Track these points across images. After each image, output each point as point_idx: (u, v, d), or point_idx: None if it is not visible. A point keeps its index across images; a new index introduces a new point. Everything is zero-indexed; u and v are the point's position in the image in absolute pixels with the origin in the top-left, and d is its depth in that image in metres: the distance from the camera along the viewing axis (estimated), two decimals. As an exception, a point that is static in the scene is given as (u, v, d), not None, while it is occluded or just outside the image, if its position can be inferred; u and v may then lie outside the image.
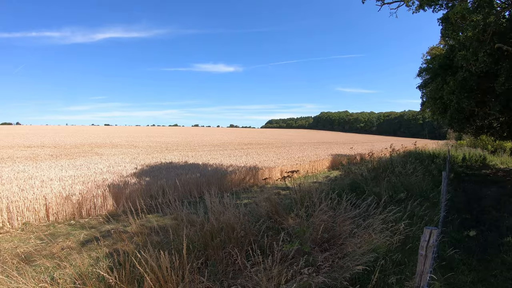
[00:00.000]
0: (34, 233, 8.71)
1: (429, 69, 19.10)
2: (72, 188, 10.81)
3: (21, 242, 7.95)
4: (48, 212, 9.78)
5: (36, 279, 4.61)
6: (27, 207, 9.45)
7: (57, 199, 9.92)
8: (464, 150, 31.72)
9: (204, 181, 14.25)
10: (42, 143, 37.78)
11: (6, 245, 7.66)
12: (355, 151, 30.30)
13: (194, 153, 27.87)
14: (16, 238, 8.31)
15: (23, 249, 7.20)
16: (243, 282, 4.56)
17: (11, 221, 9.13)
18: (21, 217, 9.31)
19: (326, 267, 4.72)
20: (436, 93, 17.14)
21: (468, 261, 6.33)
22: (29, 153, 25.38)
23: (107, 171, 15.14)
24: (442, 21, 13.59)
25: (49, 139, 46.56)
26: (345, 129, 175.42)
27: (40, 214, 9.63)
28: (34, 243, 7.80)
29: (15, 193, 10.06)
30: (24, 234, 8.60)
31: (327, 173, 21.75)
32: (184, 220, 6.48)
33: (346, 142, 54.59)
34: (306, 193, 8.48)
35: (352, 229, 6.25)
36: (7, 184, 11.39)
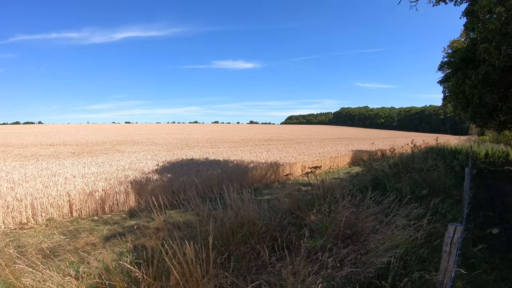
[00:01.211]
0: (58, 228, 8.87)
1: (451, 63, 18.69)
2: (95, 185, 10.97)
3: (45, 237, 8.10)
4: (71, 208, 9.95)
5: (61, 273, 4.67)
6: (51, 204, 9.62)
7: (80, 196, 10.09)
8: (486, 146, 31.09)
9: (226, 177, 14.25)
10: (64, 141, 38.48)
11: (30, 240, 7.81)
12: (375, 147, 29.97)
13: (215, 149, 27.98)
14: (40, 233, 8.47)
15: (47, 244, 7.32)
16: (267, 277, 4.54)
17: (35, 217, 9.32)
18: (45, 213, 9.50)
19: (350, 262, 4.67)
20: (458, 88, 16.77)
21: (490, 259, 6.20)
22: (52, 151, 25.88)
23: (129, 168, 15.32)
24: (466, 15, 13.33)
25: (71, 137, 47.39)
26: (365, 125, 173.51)
27: (63, 210, 9.81)
28: (58, 239, 7.93)
29: (39, 190, 10.27)
30: (48, 230, 8.76)
31: (348, 169, 21.58)
32: (205, 216, 6.48)
33: (367, 138, 54.08)
34: (328, 189, 8.41)
35: (375, 226, 6.20)
36: (31, 181, 11.62)
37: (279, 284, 4.45)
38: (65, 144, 34.16)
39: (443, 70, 20.53)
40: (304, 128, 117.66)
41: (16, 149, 28.24)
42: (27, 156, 21.85)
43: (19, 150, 26.74)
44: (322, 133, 76.32)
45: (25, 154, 23.27)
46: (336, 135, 68.61)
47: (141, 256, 4.61)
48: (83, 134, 56.82)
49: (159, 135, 55.96)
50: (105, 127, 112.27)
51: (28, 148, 29.37)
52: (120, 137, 49.63)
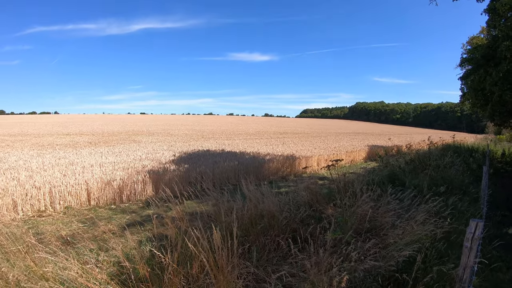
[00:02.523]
0: (76, 216, 9.01)
1: (472, 60, 18.40)
2: (113, 174, 11.11)
3: (63, 225, 8.22)
4: (89, 197, 10.09)
5: (81, 260, 4.72)
6: (69, 192, 9.77)
7: (98, 184, 10.23)
8: (503, 145, 30.66)
9: (242, 169, 14.32)
10: (80, 131, 38.95)
11: (49, 228, 7.93)
12: (391, 142, 29.70)
13: (230, 141, 28.04)
14: (58, 221, 8.60)
15: (65, 231, 7.42)
16: (288, 268, 4.54)
17: (53, 205, 9.48)
18: (63, 201, 9.65)
19: (370, 255, 4.67)
20: (478, 85, 16.48)
21: (506, 259, 6.13)
22: (68, 141, 26.23)
23: (145, 158, 15.47)
24: (488, 12, 13.10)
25: (87, 127, 47.94)
26: (380, 120, 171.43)
27: (81, 199, 9.96)
28: (77, 226, 8.05)
29: (57, 178, 10.43)
30: (66, 218, 8.90)
31: (364, 164, 21.51)
32: (225, 207, 6.51)
33: (382, 133, 53.64)
34: (348, 183, 8.39)
35: (394, 221, 6.18)
36: (49, 170, 11.81)
37: (301, 275, 4.45)
38: (81, 134, 34.58)
39: (463, 66, 20.27)
40: (319, 122, 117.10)
41: (33, 138, 28.69)
42: (44, 145, 22.18)
43: (36, 140, 27.17)
44: (338, 127, 75.94)
45: (42, 143, 23.62)
46: (351, 129, 68.20)
47: (162, 244, 4.64)
48: (99, 124, 57.43)
49: (175, 126, 56.27)
50: (121, 117, 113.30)
51: (44, 137, 29.80)
52: (136, 127, 50.05)
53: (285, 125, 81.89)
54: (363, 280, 4.35)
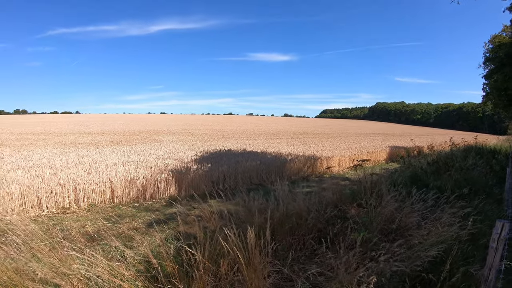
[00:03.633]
0: (100, 214, 9.13)
1: (494, 59, 18.03)
2: (136, 172, 11.24)
3: (88, 221, 8.34)
4: (113, 195, 10.22)
5: (107, 257, 4.75)
6: (92, 190, 9.90)
7: (122, 183, 10.35)
8: (526, 147, 29.94)
9: (264, 169, 14.33)
10: (102, 130, 39.49)
11: (74, 224, 8.05)
12: (413, 143, 29.30)
13: (251, 141, 28.05)
14: (83, 218, 8.73)
15: (90, 228, 7.50)
16: (315, 267, 4.52)
17: (78, 202, 9.62)
18: (87, 199, 9.79)
19: (397, 256, 4.63)
20: (502, 84, 16.16)
21: None
22: (91, 140, 26.61)
23: (168, 157, 15.57)
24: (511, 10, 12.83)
25: (108, 127, 48.56)
26: (401, 121, 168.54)
27: (105, 196, 10.10)
28: (101, 223, 8.13)
29: (81, 176, 10.61)
30: (90, 215, 9.02)
31: (385, 165, 21.33)
32: (253, 207, 6.50)
33: (403, 134, 52.95)
34: (372, 183, 8.33)
35: (419, 221, 6.16)
36: (73, 168, 12.00)
37: (327, 275, 4.44)
38: (103, 133, 35.05)
39: (486, 66, 19.90)
40: (339, 123, 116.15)
41: (56, 137, 29.18)
42: (67, 144, 22.54)
43: (58, 138, 27.63)
44: (358, 128, 75.28)
45: (64, 142, 24.02)
46: (371, 130, 67.55)
47: (189, 242, 4.64)
48: (120, 124, 58.12)
49: (195, 126, 56.59)
50: (141, 117, 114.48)
51: (67, 136, 30.30)
52: (157, 127, 50.49)
53: (305, 125, 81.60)
54: (390, 279, 4.33)
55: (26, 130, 39.11)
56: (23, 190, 9.07)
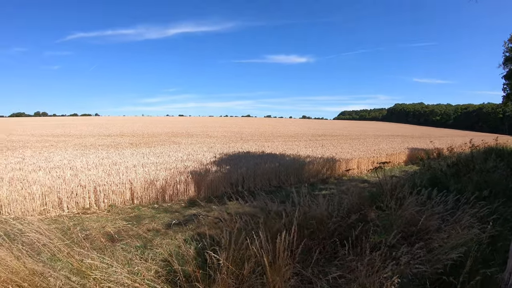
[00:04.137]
0: (120, 214, 9.21)
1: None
2: (156, 174, 11.30)
3: (108, 222, 8.41)
4: (133, 196, 10.31)
5: (127, 257, 4.77)
6: (113, 191, 10.00)
7: (141, 184, 10.43)
8: (548, 149, 29.18)
9: (283, 171, 14.27)
10: (121, 132, 39.96)
11: (94, 225, 8.12)
12: (432, 145, 28.89)
13: (270, 143, 28.01)
14: (103, 218, 8.81)
15: (110, 229, 7.53)
16: (335, 270, 4.50)
17: (98, 203, 9.72)
18: (107, 200, 9.88)
19: (418, 259, 4.59)
20: None
21: None
22: (110, 142, 26.94)
23: (187, 159, 15.61)
24: None
25: (127, 129, 49.13)
26: (420, 122, 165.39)
27: (125, 197, 10.18)
28: (121, 224, 8.20)
29: (101, 177, 10.73)
30: (110, 215, 9.11)
31: (404, 167, 21.03)
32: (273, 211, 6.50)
33: (422, 136, 52.12)
34: (393, 186, 8.25)
35: (439, 224, 6.07)
36: (93, 169, 12.15)
37: (347, 277, 4.42)
38: (122, 135, 35.43)
39: (506, 65, 19.51)
40: (357, 124, 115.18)
41: (76, 139, 29.63)
42: (87, 146, 22.85)
43: (78, 140, 28.05)
44: (376, 130, 74.57)
45: (84, 144, 24.34)
46: (390, 132, 66.85)
47: (210, 243, 4.63)
48: (139, 126, 58.69)
49: (213, 128, 56.83)
50: (160, 119, 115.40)
51: (86, 138, 30.72)
52: (175, 129, 50.86)
53: (323, 127, 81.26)
54: (410, 282, 4.30)
55: (46, 132, 39.80)
56: (44, 190, 9.22)
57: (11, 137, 30.59)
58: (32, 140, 27.71)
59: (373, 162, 18.30)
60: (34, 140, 27.75)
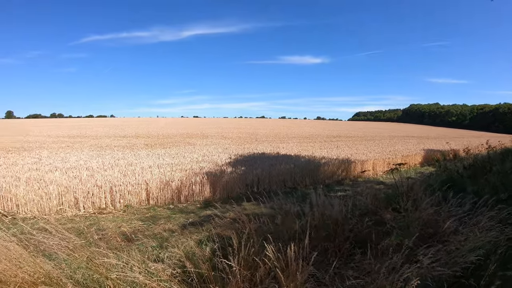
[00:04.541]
0: (135, 214, 9.28)
1: None
2: (171, 175, 11.37)
3: (123, 222, 8.48)
4: (148, 196, 10.38)
5: (143, 257, 4.77)
6: (128, 191, 10.08)
7: (157, 185, 10.50)
8: None
9: (298, 172, 14.21)
10: (136, 134, 40.24)
11: (110, 224, 8.19)
12: (448, 146, 28.55)
13: (285, 144, 27.94)
14: (118, 218, 8.89)
15: (126, 228, 7.57)
16: (351, 273, 4.47)
17: (114, 203, 9.82)
18: (123, 200, 9.97)
19: (436, 261, 4.54)
20: None
21: None
22: (125, 143, 27.15)
23: (202, 160, 15.67)
24: None
25: (142, 130, 49.49)
26: (435, 123, 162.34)
27: (141, 198, 10.26)
28: (137, 224, 8.26)
29: (117, 178, 10.85)
30: (126, 215, 9.17)
31: (420, 168, 20.79)
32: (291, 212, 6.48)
33: (437, 137, 51.44)
34: (409, 187, 8.17)
35: (456, 227, 5.97)
36: (109, 170, 12.27)
37: (363, 279, 4.37)
38: (137, 136, 35.69)
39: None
40: (372, 125, 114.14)
41: (91, 140, 29.94)
42: (103, 147, 23.05)
43: (94, 141, 28.34)
44: (391, 131, 73.83)
45: (100, 145, 24.57)
46: (405, 133, 66.10)
47: (224, 245, 4.62)
48: (153, 127, 59.07)
49: (228, 129, 56.89)
50: (175, 120, 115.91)
51: (102, 139, 31.02)
52: (190, 130, 51.05)
53: (338, 128, 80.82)
54: (428, 285, 4.25)
55: (62, 133, 40.29)
56: (61, 190, 9.35)
57: (27, 138, 31.05)
58: (48, 141, 28.08)
59: (389, 163, 18.19)
60: (50, 141, 28.12)
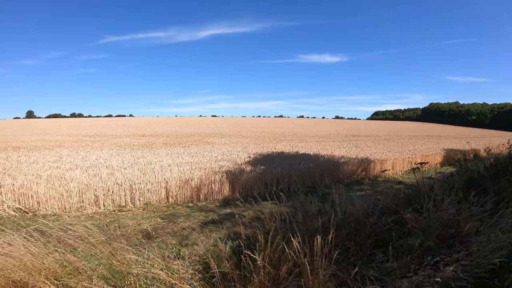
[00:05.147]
0: (155, 212, 9.34)
1: None
2: (191, 173, 11.42)
3: (143, 219, 8.53)
4: (168, 194, 10.44)
5: (163, 254, 4.79)
6: (148, 189, 10.15)
7: (176, 183, 10.56)
8: None
9: (317, 171, 14.13)
10: (155, 133, 40.63)
11: (130, 222, 8.25)
12: (469, 146, 28.05)
13: (304, 143, 27.87)
14: (138, 216, 8.95)
15: (146, 226, 7.61)
16: (372, 272, 4.45)
17: (133, 201, 9.91)
18: (142, 198, 10.04)
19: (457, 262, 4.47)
20: None
21: None
22: (144, 142, 27.41)
23: (221, 159, 15.72)
24: None
25: (161, 129, 49.95)
26: (455, 122, 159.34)
27: (160, 196, 10.32)
28: (156, 221, 8.31)
29: (137, 176, 10.95)
30: (146, 213, 9.24)
31: (440, 168, 20.44)
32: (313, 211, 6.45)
33: (457, 136, 50.57)
34: (430, 187, 8.07)
35: (478, 227, 5.87)
36: (129, 168, 12.38)
37: (384, 279, 4.35)
38: (156, 135, 36.00)
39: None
40: (391, 125, 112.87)
41: (111, 139, 30.31)
42: (122, 146, 23.30)
43: (113, 140, 28.70)
44: (410, 130, 72.97)
45: (119, 144, 24.86)
46: (425, 132, 65.22)
47: (246, 243, 4.60)
48: (172, 126, 59.52)
49: (246, 128, 57.01)
50: (193, 120, 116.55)
51: (121, 138, 31.38)
52: (208, 129, 51.32)
53: (356, 127, 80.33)
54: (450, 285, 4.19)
55: (82, 132, 40.90)
56: (81, 188, 9.46)
57: (48, 137, 31.58)
58: (68, 140, 28.52)
59: (409, 163, 17.99)
60: (71, 140, 28.55)
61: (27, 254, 3.81)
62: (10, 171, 11.38)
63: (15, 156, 16.01)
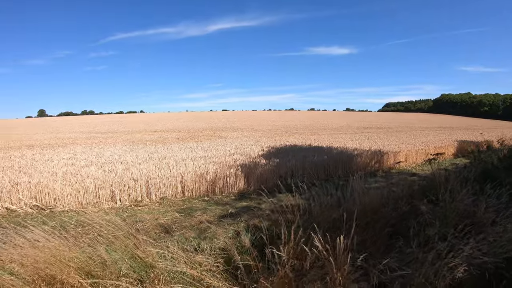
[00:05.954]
0: (171, 206, 9.42)
1: None
2: (205, 167, 11.47)
3: (160, 214, 8.59)
4: (183, 189, 10.49)
5: (183, 248, 4.83)
6: (164, 184, 10.22)
7: (192, 177, 10.61)
8: None
9: (331, 164, 14.12)
10: (167, 128, 40.83)
11: (147, 216, 8.32)
12: (482, 137, 27.75)
13: (316, 136, 27.82)
14: (155, 210, 9.02)
15: (163, 220, 7.69)
16: (391, 262, 4.49)
17: (149, 196, 9.98)
18: (158, 192, 10.12)
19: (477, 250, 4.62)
20: None
21: None
22: (157, 137, 27.55)
23: (234, 152, 15.79)
24: None
25: (173, 124, 50.14)
26: (467, 113, 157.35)
27: (176, 190, 10.39)
28: (173, 216, 8.35)
29: (152, 171, 11.05)
30: (162, 208, 9.31)
31: (454, 160, 20.23)
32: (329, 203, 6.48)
33: (470, 128, 49.99)
34: (445, 178, 8.05)
35: (494, 218, 5.95)
36: (144, 163, 12.49)
37: (402, 269, 4.39)
38: (168, 131, 36.16)
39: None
40: (403, 116, 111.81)
41: (123, 135, 30.52)
42: (135, 141, 23.47)
43: (126, 136, 28.89)
44: (422, 122, 72.23)
45: (132, 140, 25.03)
46: (436, 123, 64.55)
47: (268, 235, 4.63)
48: (183, 121, 59.76)
49: (257, 122, 57.00)
50: (204, 114, 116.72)
51: (133, 134, 31.58)
52: (220, 124, 51.40)
53: (368, 119, 79.79)
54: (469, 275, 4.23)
55: (94, 129, 41.26)
56: (98, 184, 9.56)
57: (60, 135, 31.93)
58: (81, 137, 28.79)
59: (422, 155, 17.90)
60: (84, 137, 28.82)
61: (53, 248, 3.88)
62: (25, 169, 11.54)
63: (30, 154, 16.22)
